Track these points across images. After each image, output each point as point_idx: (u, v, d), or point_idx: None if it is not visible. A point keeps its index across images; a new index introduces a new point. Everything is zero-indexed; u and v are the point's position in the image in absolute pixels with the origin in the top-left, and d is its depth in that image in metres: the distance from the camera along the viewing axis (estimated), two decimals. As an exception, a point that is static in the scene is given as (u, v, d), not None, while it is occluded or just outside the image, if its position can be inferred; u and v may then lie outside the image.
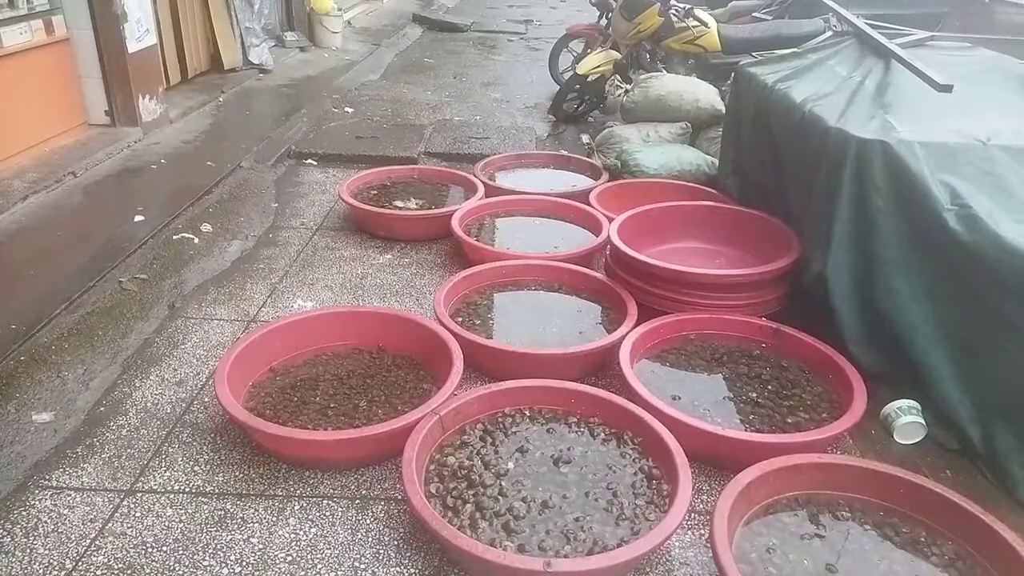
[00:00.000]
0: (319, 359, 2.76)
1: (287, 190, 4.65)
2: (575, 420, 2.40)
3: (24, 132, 4.54)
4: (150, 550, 1.99)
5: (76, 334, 2.96)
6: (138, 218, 4.02)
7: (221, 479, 2.26)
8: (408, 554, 2.03)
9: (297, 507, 2.18)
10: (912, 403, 2.58)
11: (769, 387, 2.66)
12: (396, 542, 2.07)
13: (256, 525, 2.10)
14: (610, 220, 3.51)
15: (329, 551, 2.03)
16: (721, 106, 4.72)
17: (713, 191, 4.17)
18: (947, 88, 2.77)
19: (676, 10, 5.40)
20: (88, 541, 2.01)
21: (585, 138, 5.72)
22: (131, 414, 2.54)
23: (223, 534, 2.06)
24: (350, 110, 6.27)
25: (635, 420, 2.31)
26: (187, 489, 2.22)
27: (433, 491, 2.09)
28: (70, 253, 3.60)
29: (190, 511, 2.13)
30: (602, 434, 2.34)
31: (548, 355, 2.74)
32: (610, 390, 2.50)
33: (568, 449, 2.27)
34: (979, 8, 7.20)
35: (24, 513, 2.10)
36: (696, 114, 4.83)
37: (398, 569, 1.98)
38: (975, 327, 2.44)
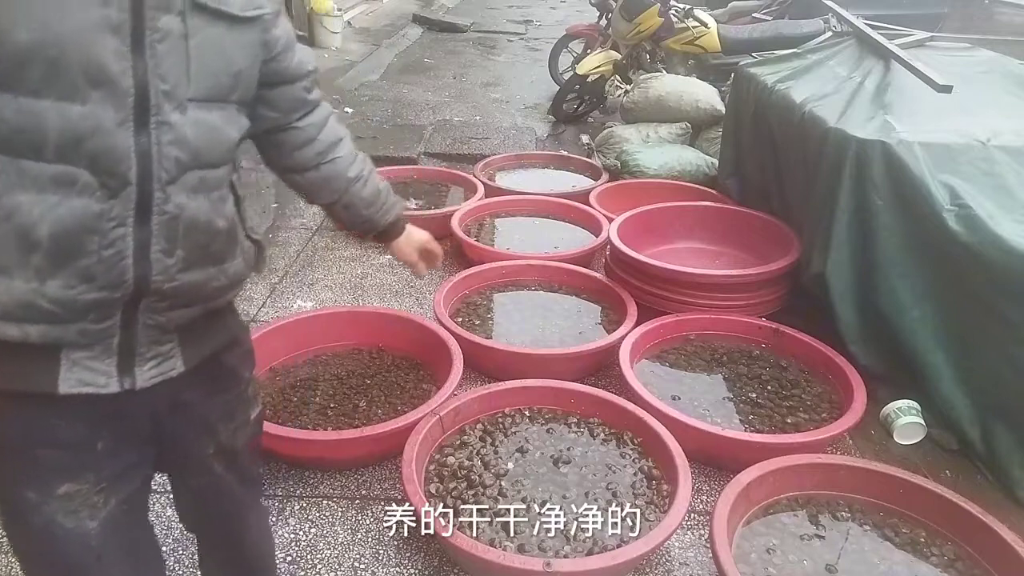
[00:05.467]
0: (319, 359, 2.76)
1: (287, 190, 4.61)
2: (575, 420, 2.39)
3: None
4: (150, 550, 1.99)
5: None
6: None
7: (221, 479, 2.26)
8: (408, 554, 2.03)
9: (297, 507, 2.18)
10: (912, 403, 2.58)
11: (769, 387, 2.66)
12: (396, 542, 2.07)
13: (256, 525, 2.10)
14: (610, 220, 3.51)
15: (329, 551, 2.03)
16: (721, 106, 4.72)
17: (713, 191, 4.17)
18: (947, 88, 2.77)
19: (676, 11, 5.40)
20: (88, 541, 2.01)
21: (585, 138, 5.72)
22: (131, 414, 2.53)
23: (223, 534, 2.06)
24: (350, 110, 6.27)
25: (635, 420, 2.31)
26: (187, 489, 2.21)
27: (433, 491, 2.08)
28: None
29: (190, 511, 2.13)
30: (602, 434, 2.34)
31: (548, 355, 2.74)
32: (610, 390, 2.50)
33: (568, 449, 2.27)
34: (979, 8, 7.21)
35: (24, 513, 2.10)
36: (696, 114, 4.83)
37: (398, 569, 1.98)
38: (975, 327, 2.44)
